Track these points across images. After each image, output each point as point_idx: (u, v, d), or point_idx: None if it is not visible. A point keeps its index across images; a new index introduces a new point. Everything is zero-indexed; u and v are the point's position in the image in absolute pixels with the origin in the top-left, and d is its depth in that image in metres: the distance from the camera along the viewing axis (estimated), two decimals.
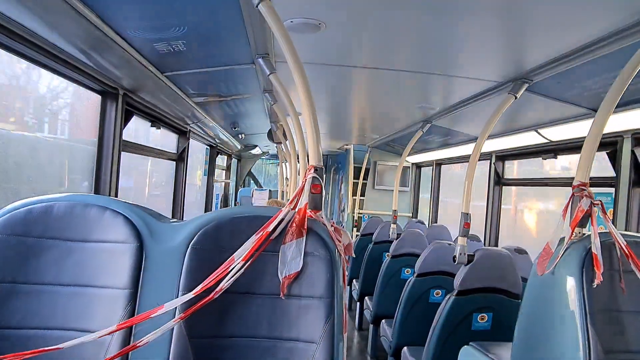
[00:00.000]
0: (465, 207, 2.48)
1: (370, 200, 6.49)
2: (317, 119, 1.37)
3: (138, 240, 1.27)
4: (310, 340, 1.22)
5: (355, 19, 1.76)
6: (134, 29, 1.76)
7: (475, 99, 2.68)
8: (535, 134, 3.03)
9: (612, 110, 1.46)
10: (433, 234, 4.33)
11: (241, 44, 2.01)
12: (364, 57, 2.26)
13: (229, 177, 7.45)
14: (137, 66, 2.11)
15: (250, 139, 6.02)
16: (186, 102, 3.01)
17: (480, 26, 1.71)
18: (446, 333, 2.40)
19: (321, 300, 1.24)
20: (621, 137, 2.39)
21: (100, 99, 2.35)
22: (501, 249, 2.52)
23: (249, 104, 3.53)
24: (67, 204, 1.29)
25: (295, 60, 1.36)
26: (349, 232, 1.60)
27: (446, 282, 2.90)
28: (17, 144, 2.14)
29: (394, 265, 3.81)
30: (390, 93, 3.02)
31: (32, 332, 1.21)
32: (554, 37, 1.72)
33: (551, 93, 2.32)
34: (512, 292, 2.43)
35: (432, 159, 5.53)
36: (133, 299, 1.23)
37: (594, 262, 1.35)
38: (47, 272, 1.24)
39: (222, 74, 2.57)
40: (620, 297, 1.39)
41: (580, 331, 1.34)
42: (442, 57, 2.16)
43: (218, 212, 1.35)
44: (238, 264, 1.20)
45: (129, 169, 3.45)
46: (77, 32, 1.65)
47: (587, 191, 1.45)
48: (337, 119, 4.54)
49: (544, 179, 3.65)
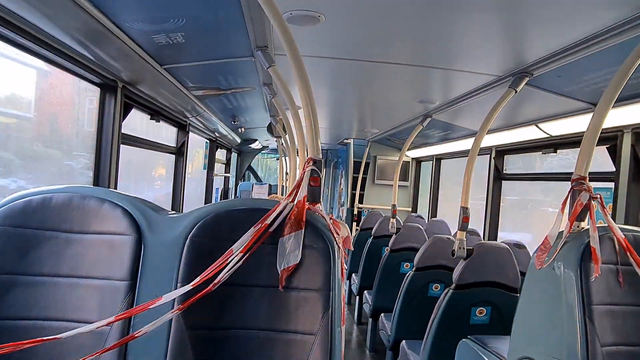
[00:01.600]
0: (464, 202, 2.48)
1: (370, 195, 6.49)
2: (317, 113, 1.37)
3: (137, 232, 1.27)
4: (308, 332, 1.23)
5: (355, 12, 1.75)
6: (133, 21, 1.75)
7: (475, 93, 2.67)
8: (535, 128, 3.03)
9: (612, 104, 1.46)
10: (432, 229, 4.34)
11: (240, 36, 2.00)
12: (364, 50, 2.25)
13: (229, 171, 7.44)
14: (136, 58, 2.10)
15: (250, 132, 6.00)
16: (185, 95, 3.00)
17: (480, 19, 1.70)
18: (444, 327, 2.41)
19: (319, 292, 1.24)
20: (621, 131, 2.39)
21: (99, 92, 2.35)
22: (500, 243, 2.52)
23: (248, 97, 3.52)
24: (65, 195, 1.29)
25: (295, 53, 1.36)
26: (347, 226, 1.62)
27: (445, 276, 2.90)
28: None
29: (393, 260, 3.82)
30: (390, 87, 3.01)
31: (31, 323, 1.21)
32: (554, 31, 1.71)
33: (551, 87, 2.31)
34: (510, 286, 2.43)
35: (432, 154, 5.53)
36: (132, 290, 1.24)
37: (592, 256, 1.35)
38: (45, 263, 1.24)
39: (221, 66, 2.56)
40: (618, 290, 1.39)
41: (578, 325, 1.35)
42: (442, 51, 2.15)
43: (217, 204, 1.35)
44: (236, 256, 1.20)
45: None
46: (75, 24, 1.64)
47: (586, 185, 1.45)
48: (337, 113, 4.53)
49: (543, 173, 3.65)
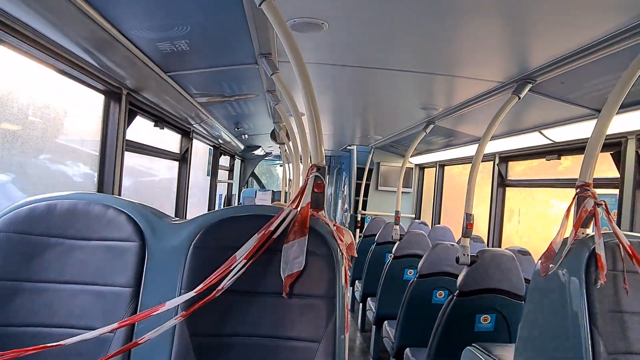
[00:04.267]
0: (468, 208, 2.47)
1: (373, 201, 6.48)
2: (320, 119, 1.37)
3: (140, 238, 1.27)
4: (312, 340, 1.22)
5: (358, 19, 1.75)
6: (138, 29, 1.77)
7: (479, 100, 2.67)
8: (538, 134, 3.02)
9: (616, 110, 1.46)
10: (436, 235, 4.32)
11: (244, 43, 2.01)
12: (367, 57, 2.26)
13: (232, 177, 7.45)
14: (141, 66, 2.11)
15: (254, 139, 6.02)
16: (189, 102, 3.02)
17: (483, 26, 1.70)
18: (449, 334, 2.39)
19: (323, 299, 1.24)
20: (625, 137, 2.38)
21: (103, 99, 2.36)
22: (504, 250, 2.51)
23: (252, 104, 3.54)
24: (70, 202, 1.29)
25: (298, 60, 1.36)
26: (351, 232, 1.61)
27: (449, 283, 2.88)
28: None
29: (397, 266, 3.80)
30: (393, 93, 3.02)
31: (36, 330, 1.22)
32: (557, 38, 1.71)
33: (555, 93, 2.31)
34: (515, 293, 2.41)
35: (435, 160, 5.52)
36: (135, 297, 1.24)
37: (597, 263, 1.34)
38: (50, 270, 1.24)
39: (225, 73, 2.57)
40: (624, 298, 1.37)
41: (583, 332, 1.33)
42: (446, 57, 2.15)
43: (220, 211, 1.35)
44: (240, 263, 1.20)
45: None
46: (81, 32, 1.66)
47: (590, 191, 1.44)
48: (340, 119, 4.53)
49: (547, 180, 3.64)
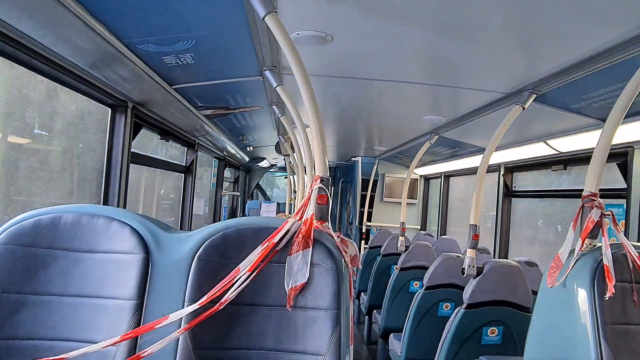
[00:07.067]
0: (474, 219, 2.46)
1: (378, 213, 6.45)
2: (324, 131, 1.38)
3: (144, 251, 1.27)
4: (316, 353, 1.21)
5: (362, 32, 1.77)
6: (143, 43, 1.79)
7: (483, 111, 2.67)
8: (544, 145, 3.01)
9: (621, 120, 1.45)
10: (442, 247, 4.29)
11: (249, 56, 2.03)
12: (371, 69, 2.27)
13: (237, 189, 7.46)
14: (146, 79, 2.13)
15: (258, 151, 6.04)
16: (194, 115, 3.04)
17: (487, 38, 1.71)
18: (456, 347, 2.36)
19: (327, 312, 1.23)
20: (631, 147, 2.37)
21: (109, 112, 2.39)
22: (510, 261, 2.48)
23: (256, 116, 3.56)
24: (74, 214, 1.29)
25: (302, 73, 1.37)
26: (356, 244, 1.59)
27: (455, 295, 2.85)
28: None
29: (403, 278, 3.77)
30: (397, 105, 3.03)
31: (39, 343, 1.21)
32: (561, 48, 1.71)
33: (559, 104, 2.30)
34: (522, 305, 2.38)
35: (440, 171, 5.50)
36: (139, 309, 1.23)
37: (605, 274, 1.32)
38: (54, 282, 1.24)
39: (230, 86, 2.59)
40: (633, 310, 1.35)
41: (592, 345, 1.31)
42: (449, 69, 2.16)
43: (224, 222, 1.34)
44: (244, 275, 1.20)
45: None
46: (88, 46, 1.68)
47: (597, 201, 1.43)
48: (345, 131, 4.55)
49: (553, 190, 3.61)
